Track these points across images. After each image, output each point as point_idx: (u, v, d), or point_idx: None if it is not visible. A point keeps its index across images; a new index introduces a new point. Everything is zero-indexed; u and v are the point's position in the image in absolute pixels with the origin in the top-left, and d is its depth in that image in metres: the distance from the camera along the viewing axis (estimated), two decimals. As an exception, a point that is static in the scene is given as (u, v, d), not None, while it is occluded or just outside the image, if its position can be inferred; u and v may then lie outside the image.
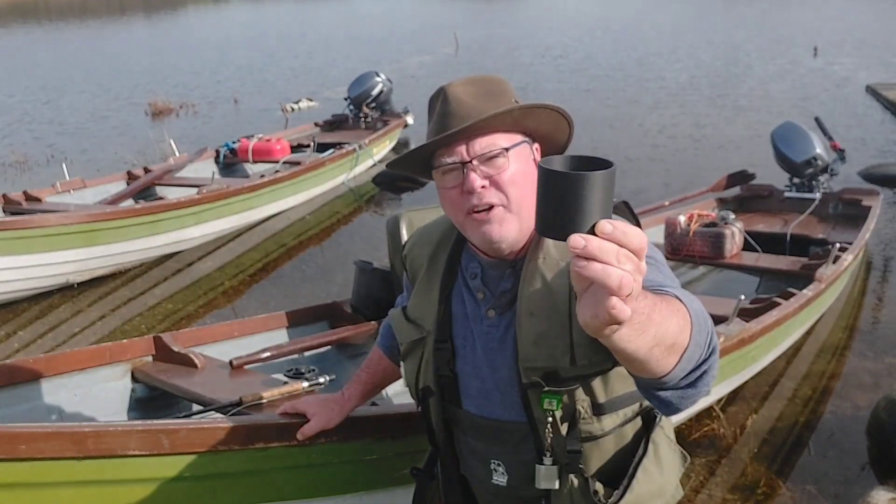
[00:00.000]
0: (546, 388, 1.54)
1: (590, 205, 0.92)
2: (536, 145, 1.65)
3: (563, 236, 0.93)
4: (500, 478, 1.70)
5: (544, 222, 0.97)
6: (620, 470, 1.63)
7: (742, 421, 3.75)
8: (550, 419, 1.55)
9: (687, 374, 1.22)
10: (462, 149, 1.54)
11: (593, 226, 0.92)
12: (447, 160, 1.56)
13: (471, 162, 1.53)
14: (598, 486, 1.61)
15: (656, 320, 1.09)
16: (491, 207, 1.54)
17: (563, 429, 1.57)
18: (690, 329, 1.19)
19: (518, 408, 1.60)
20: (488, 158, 1.54)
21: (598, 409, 1.58)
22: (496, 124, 1.54)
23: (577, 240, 0.90)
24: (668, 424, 1.78)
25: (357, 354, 3.67)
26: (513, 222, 1.55)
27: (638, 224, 1.67)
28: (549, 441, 1.58)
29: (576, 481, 1.60)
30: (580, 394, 1.56)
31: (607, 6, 31.66)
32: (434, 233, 1.80)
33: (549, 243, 1.54)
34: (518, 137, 1.58)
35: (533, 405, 1.57)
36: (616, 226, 0.92)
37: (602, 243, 0.90)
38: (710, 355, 1.25)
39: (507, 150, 1.54)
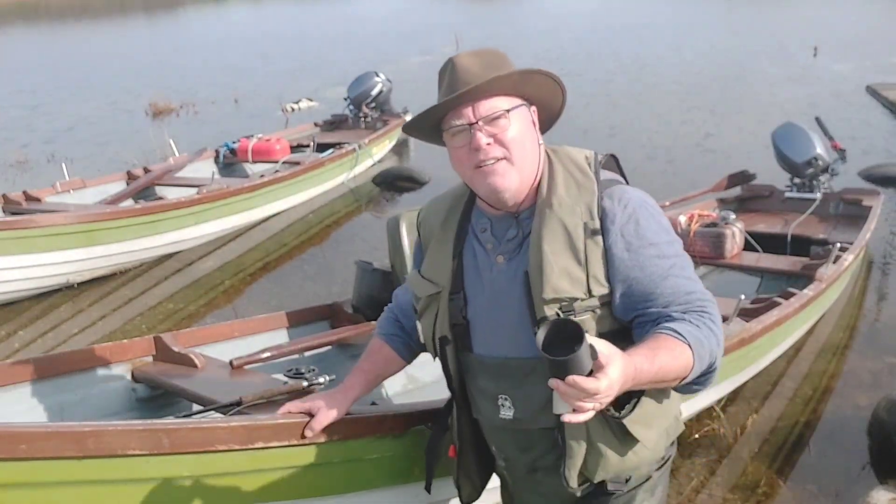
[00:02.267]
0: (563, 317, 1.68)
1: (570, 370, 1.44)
2: (534, 108, 1.84)
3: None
4: (506, 412, 1.86)
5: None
6: (630, 393, 1.71)
7: (742, 421, 3.75)
8: None
9: (690, 384, 1.70)
10: (469, 111, 1.75)
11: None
12: (456, 122, 1.77)
13: (477, 123, 1.74)
14: (609, 406, 1.69)
15: (644, 380, 1.58)
16: (496, 161, 1.75)
17: None
18: (693, 363, 1.63)
19: (525, 344, 1.75)
20: (492, 119, 1.74)
21: (608, 337, 1.66)
22: (498, 88, 1.74)
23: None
24: None
25: (358, 355, 3.64)
26: (514, 174, 1.77)
27: (623, 175, 1.91)
28: None
29: None
30: (591, 324, 1.73)
31: (607, 6, 31.66)
32: (444, 201, 2.06)
33: (562, 192, 1.77)
34: (517, 101, 1.78)
35: None
36: (573, 383, 1.42)
37: (568, 390, 1.44)
38: (712, 366, 1.70)
39: (507, 111, 1.75)
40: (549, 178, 1.81)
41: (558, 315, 1.69)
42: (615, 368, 1.47)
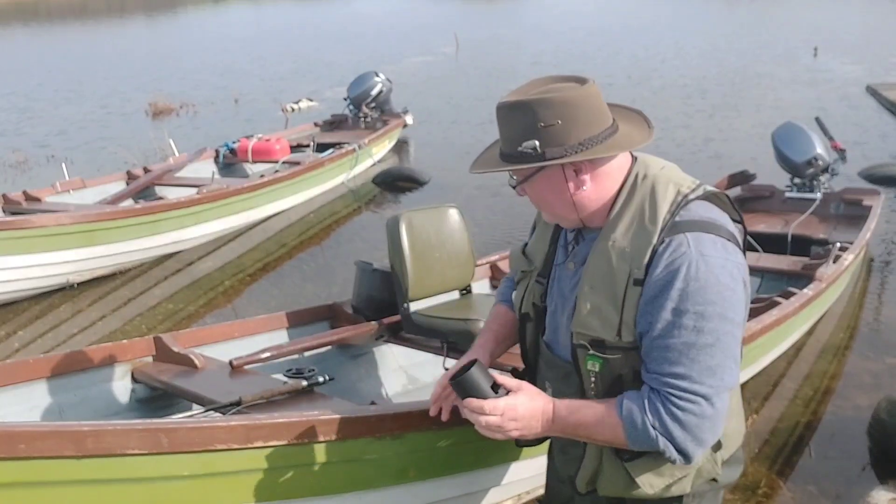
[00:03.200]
0: (591, 352, 1.79)
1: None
2: (573, 163, 1.76)
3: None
4: (547, 391, 1.96)
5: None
6: None
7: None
8: (594, 379, 1.80)
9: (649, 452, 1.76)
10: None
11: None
12: (510, 179, 1.87)
13: (516, 185, 1.86)
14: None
15: (561, 427, 1.80)
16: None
17: (608, 388, 1.80)
18: (623, 438, 1.73)
19: (567, 352, 1.87)
20: (520, 183, 1.84)
21: (639, 378, 1.76)
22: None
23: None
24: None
25: (358, 355, 3.67)
26: (553, 216, 1.89)
27: (734, 211, 1.90)
28: (592, 393, 1.82)
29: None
30: (623, 361, 1.77)
31: (607, 7, 31.66)
32: None
33: (621, 230, 1.77)
34: (532, 168, 1.78)
35: (580, 361, 1.82)
36: (466, 403, 1.79)
37: (465, 408, 1.82)
38: (665, 452, 1.72)
39: (522, 183, 1.83)
40: (624, 204, 1.78)
41: (586, 347, 1.79)
42: (515, 400, 1.76)
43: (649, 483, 1.82)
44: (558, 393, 1.90)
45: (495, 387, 1.79)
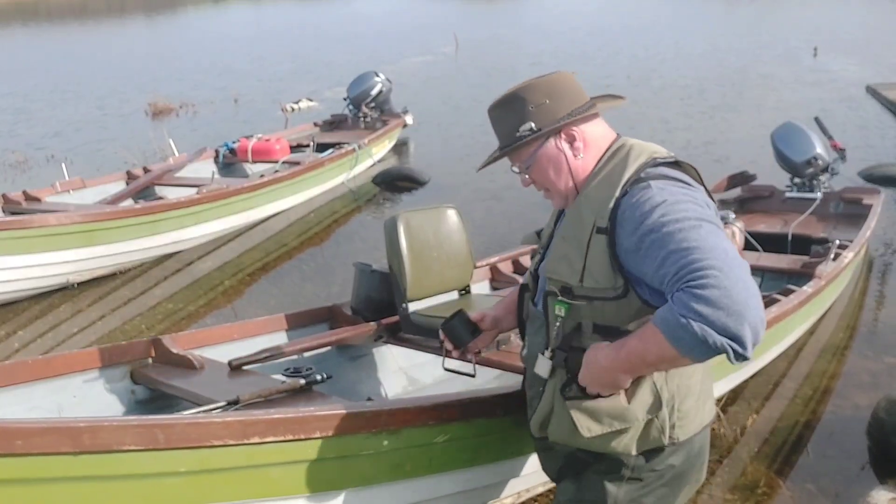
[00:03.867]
0: (559, 298, 1.96)
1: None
2: (563, 133, 2.00)
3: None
4: (524, 350, 2.21)
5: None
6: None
7: (742, 421, 3.75)
8: (558, 323, 1.98)
9: (706, 353, 1.68)
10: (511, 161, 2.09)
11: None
12: (511, 167, 2.11)
13: (519, 172, 2.08)
14: (575, 388, 1.97)
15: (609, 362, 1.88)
16: (544, 192, 2.09)
17: (567, 334, 1.97)
18: (668, 343, 1.70)
19: (542, 304, 2.05)
20: (525, 169, 2.05)
21: (599, 330, 1.93)
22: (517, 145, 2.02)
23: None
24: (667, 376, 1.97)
25: (357, 356, 3.66)
26: (558, 197, 2.06)
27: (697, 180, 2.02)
28: (553, 339, 2.00)
29: (561, 378, 2.01)
30: (586, 311, 1.94)
31: (607, 7, 31.65)
32: None
33: (592, 186, 1.96)
34: (532, 149, 2.01)
35: (549, 307, 2.00)
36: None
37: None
38: (712, 332, 1.62)
39: (527, 168, 2.04)
40: (601, 168, 1.98)
41: (555, 292, 1.97)
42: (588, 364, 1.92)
43: (587, 427, 1.95)
44: (530, 345, 2.14)
45: (476, 332, 2.30)
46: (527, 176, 2.07)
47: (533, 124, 1.99)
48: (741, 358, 1.64)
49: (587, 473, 2.06)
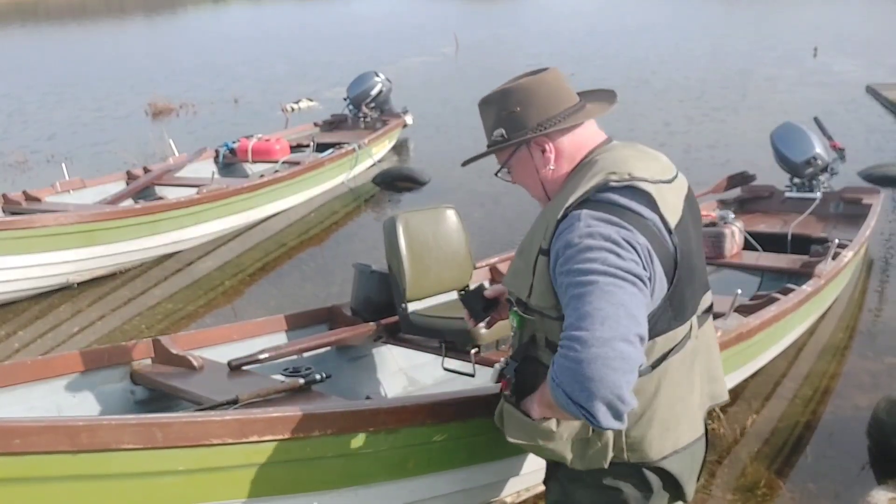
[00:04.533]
0: (514, 308, 1.99)
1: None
2: (535, 141, 1.98)
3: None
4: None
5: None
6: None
7: (742, 421, 3.75)
8: (513, 333, 2.04)
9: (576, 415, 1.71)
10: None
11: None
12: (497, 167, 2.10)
13: (498, 173, 2.10)
14: (514, 399, 2.01)
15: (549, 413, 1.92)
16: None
17: (523, 344, 2.00)
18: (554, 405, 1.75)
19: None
20: (502, 170, 2.07)
21: (550, 346, 1.91)
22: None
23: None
24: None
25: (356, 356, 3.66)
26: (536, 197, 2.07)
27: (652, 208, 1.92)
28: (513, 347, 2.06)
29: (511, 384, 2.03)
30: (539, 325, 1.95)
31: (607, 7, 31.66)
32: None
33: (552, 204, 1.93)
34: (506, 154, 2.02)
35: (511, 318, 2.03)
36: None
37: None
38: (573, 402, 1.68)
39: (497, 173, 2.07)
40: (566, 182, 1.96)
41: (511, 302, 2.03)
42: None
43: (512, 434, 2.02)
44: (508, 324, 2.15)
45: (488, 308, 2.34)
46: (510, 175, 2.08)
47: (504, 131, 1.98)
48: (600, 427, 1.68)
49: (558, 475, 2.08)
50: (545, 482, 2.19)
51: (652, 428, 1.91)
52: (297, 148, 8.54)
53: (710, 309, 2.08)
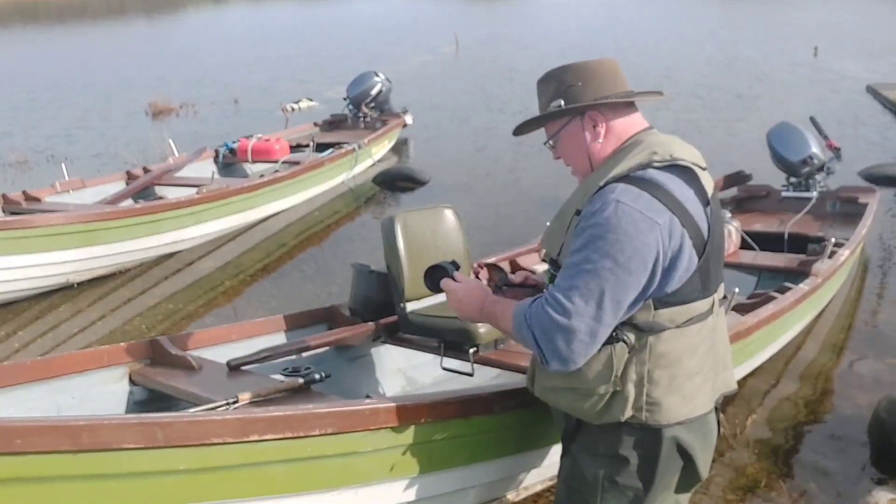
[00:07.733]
0: (549, 269, 2.15)
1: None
2: (589, 114, 2.12)
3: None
4: None
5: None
6: None
7: (742, 421, 3.75)
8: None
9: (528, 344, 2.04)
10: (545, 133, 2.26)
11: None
12: (544, 143, 2.27)
13: (547, 143, 2.25)
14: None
15: (488, 314, 2.21)
16: (571, 167, 2.24)
17: None
18: (510, 324, 2.07)
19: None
20: (552, 144, 2.22)
21: None
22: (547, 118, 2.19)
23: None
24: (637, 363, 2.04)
25: (355, 356, 3.67)
26: (576, 171, 2.21)
27: (695, 186, 2.10)
28: None
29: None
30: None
31: (607, 7, 31.66)
32: None
33: (595, 175, 2.07)
34: (559, 125, 2.16)
35: (546, 278, 2.20)
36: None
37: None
38: (537, 343, 1.99)
39: (550, 142, 2.21)
40: (611, 157, 2.10)
41: (546, 262, 2.18)
42: (458, 286, 2.31)
43: (540, 380, 2.19)
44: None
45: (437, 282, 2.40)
46: (555, 148, 2.21)
47: (563, 102, 2.13)
48: (545, 364, 2.00)
49: (572, 449, 2.19)
50: (561, 459, 2.28)
51: (672, 394, 2.03)
52: (296, 148, 8.54)
53: (724, 299, 2.21)
